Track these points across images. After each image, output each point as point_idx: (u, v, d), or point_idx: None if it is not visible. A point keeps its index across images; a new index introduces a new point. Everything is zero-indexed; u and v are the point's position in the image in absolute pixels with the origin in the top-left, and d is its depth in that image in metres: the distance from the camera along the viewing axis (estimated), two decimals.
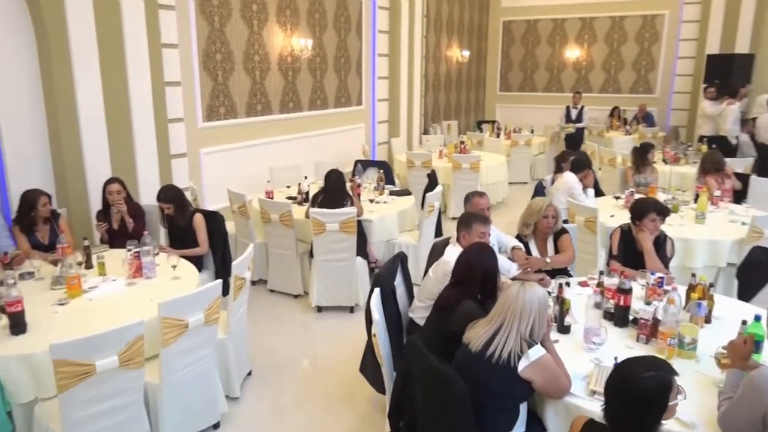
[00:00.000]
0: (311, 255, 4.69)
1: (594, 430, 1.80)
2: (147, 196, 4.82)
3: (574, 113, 10.56)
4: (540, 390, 2.19)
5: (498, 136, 10.21)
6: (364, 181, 6.01)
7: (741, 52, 10.53)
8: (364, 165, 6.43)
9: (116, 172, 4.60)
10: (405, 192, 5.85)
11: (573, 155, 5.63)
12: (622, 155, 7.58)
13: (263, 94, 6.98)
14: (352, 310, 4.69)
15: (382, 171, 5.94)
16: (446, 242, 3.62)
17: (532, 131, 10.59)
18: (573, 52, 12.85)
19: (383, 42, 9.34)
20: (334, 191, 4.73)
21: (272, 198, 5.19)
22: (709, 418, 2.10)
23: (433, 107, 11.44)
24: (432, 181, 5.92)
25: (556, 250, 3.69)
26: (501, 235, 3.74)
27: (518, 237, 3.72)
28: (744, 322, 2.49)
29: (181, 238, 4.19)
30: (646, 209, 3.51)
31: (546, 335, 2.29)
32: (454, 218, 7.29)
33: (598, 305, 2.94)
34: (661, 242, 3.55)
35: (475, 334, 2.26)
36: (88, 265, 3.55)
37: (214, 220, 4.37)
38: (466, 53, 12.36)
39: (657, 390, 1.66)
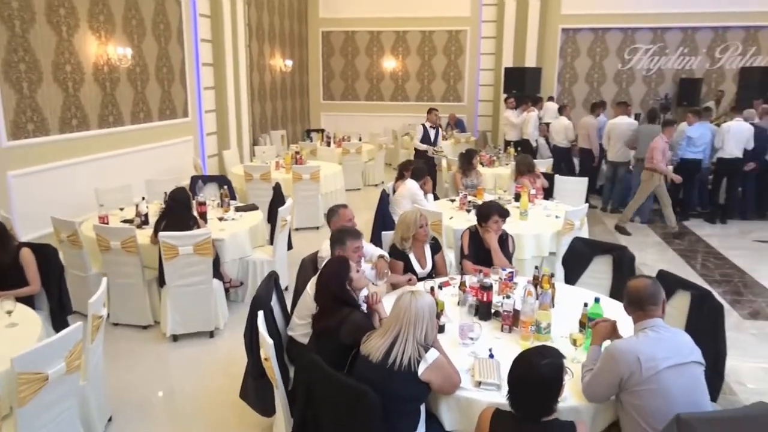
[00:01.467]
0: (160, 282, 4.39)
1: (502, 417, 2.01)
2: None
3: (432, 133, 8.75)
4: (437, 389, 2.37)
5: (329, 144, 10.45)
6: (207, 198, 5.75)
7: (530, 66, 12.13)
8: (204, 181, 6.14)
9: None
10: (251, 207, 5.72)
11: (413, 164, 6.01)
12: (446, 160, 8.27)
13: (78, 108, 6.31)
14: (211, 334, 4.48)
15: (226, 187, 5.75)
16: (314, 258, 3.66)
17: (360, 139, 11.00)
18: (390, 63, 13.61)
19: (207, 51, 9.01)
20: (179, 213, 4.47)
21: (107, 223, 4.74)
22: (574, 388, 2.45)
23: (261, 117, 11.30)
24: (278, 195, 5.88)
25: (433, 259, 3.93)
26: (366, 245, 3.88)
27: (394, 250, 3.86)
28: (585, 304, 2.94)
29: (5, 278, 3.63)
30: (489, 212, 3.92)
31: (435, 337, 2.47)
32: (297, 229, 7.32)
33: (466, 303, 3.22)
34: (504, 240, 4.00)
35: (374, 346, 2.36)
36: None
37: (45, 253, 3.86)
38: (290, 63, 12.41)
39: (554, 374, 1.91)
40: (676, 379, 2.19)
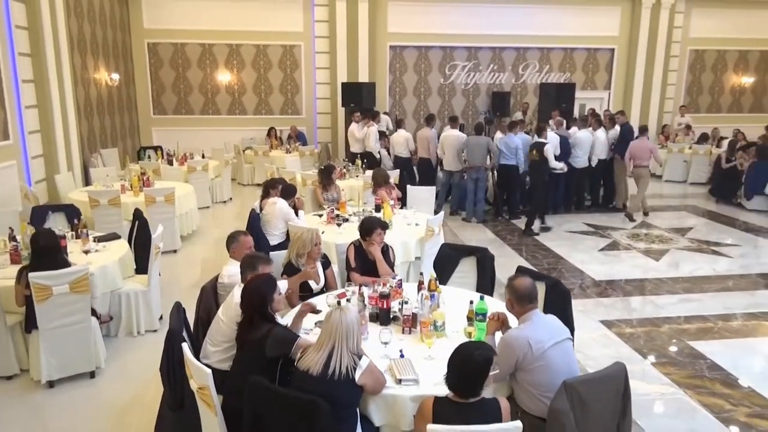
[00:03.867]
0: (27, 326, 4.06)
1: (442, 402, 2.39)
2: None
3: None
4: (370, 390, 2.68)
5: (170, 163, 10.07)
6: (58, 230, 5.34)
7: (364, 80, 12.87)
8: (52, 210, 5.67)
9: None
10: (113, 236, 5.44)
11: (279, 182, 6.17)
12: (301, 174, 8.53)
13: None
14: (92, 375, 4.24)
15: (83, 217, 5.39)
16: (214, 283, 3.72)
17: (203, 155, 10.74)
18: (224, 76, 13.42)
19: (26, 66, 8.18)
20: (51, 259, 4.12)
21: None
22: None
23: (89, 135, 10.47)
24: (141, 221, 5.66)
25: (325, 274, 4.19)
26: None
27: (290, 267, 4.04)
28: (471, 302, 3.45)
29: None
30: (372, 227, 4.31)
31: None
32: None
33: (365, 311, 3.55)
34: (385, 251, 4.41)
35: (312, 360, 2.60)
36: None
37: None
38: (116, 76, 11.64)
39: (485, 362, 2.35)
40: (558, 355, 2.77)
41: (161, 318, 5.16)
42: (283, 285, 3.52)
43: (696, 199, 10.97)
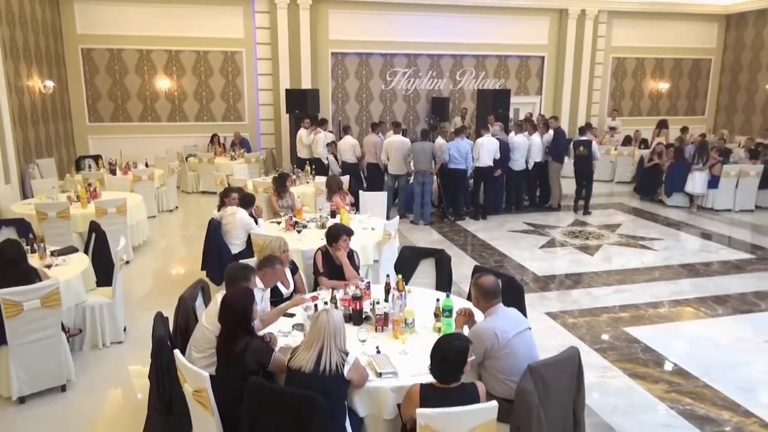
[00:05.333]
0: None
1: (428, 388, 2.68)
2: None
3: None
4: (356, 384, 2.93)
5: (113, 172, 9.88)
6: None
7: (306, 86, 13.03)
8: (3, 225, 5.56)
9: None
10: (71, 249, 5.41)
11: (236, 191, 6.28)
12: (252, 182, 8.63)
13: None
14: (64, 388, 4.26)
15: (40, 232, 5.32)
16: (194, 295, 3.85)
17: (147, 164, 10.60)
18: (164, 83, 13.21)
19: None
20: (17, 270, 4.10)
21: None
22: None
23: (24, 145, 10.10)
24: (97, 233, 5.63)
25: (293, 280, 4.38)
26: None
27: None
28: (438, 300, 3.76)
29: None
30: (338, 233, 4.55)
31: None
32: None
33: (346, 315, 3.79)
34: (350, 255, 4.66)
35: (302, 359, 2.83)
36: None
37: None
38: (50, 83, 11.27)
39: (463, 350, 2.65)
40: (520, 343, 3.12)
41: (125, 329, 5.19)
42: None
43: (622, 197, 11.83)
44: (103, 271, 5.36)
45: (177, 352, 3.00)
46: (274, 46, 13.13)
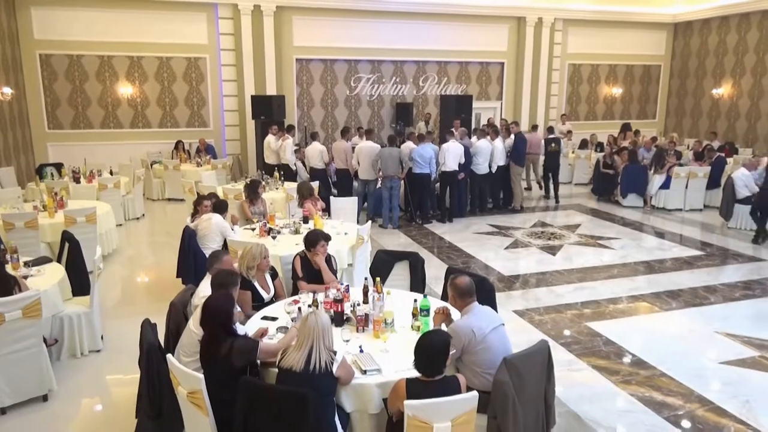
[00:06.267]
0: None
1: (414, 382, 2.87)
2: None
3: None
4: (344, 381, 3.10)
5: (77, 180, 9.77)
6: None
7: (271, 92, 13.11)
8: None
9: None
10: (45, 259, 5.40)
11: (210, 198, 6.35)
12: (223, 189, 8.67)
13: None
14: (45, 398, 4.28)
15: (13, 243, 5.30)
16: (184, 300, 3.94)
17: (111, 171, 10.49)
18: (126, 89, 13.06)
19: None
20: None
21: None
22: None
23: None
24: (71, 242, 5.63)
25: (273, 285, 4.50)
26: None
27: (241, 279, 4.31)
28: (416, 300, 3.96)
29: None
30: (317, 239, 4.70)
31: None
32: None
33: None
34: (328, 260, 4.82)
35: (293, 359, 2.98)
36: None
37: None
38: (8, 90, 11.03)
39: (444, 345, 2.86)
40: (495, 338, 3.35)
41: (102, 338, 5.22)
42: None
43: (580, 198, 12.32)
44: (77, 280, 5.38)
45: (170, 356, 3.11)
46: (239, 52, 13.16)
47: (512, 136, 10.72)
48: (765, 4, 13.93)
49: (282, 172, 9.77)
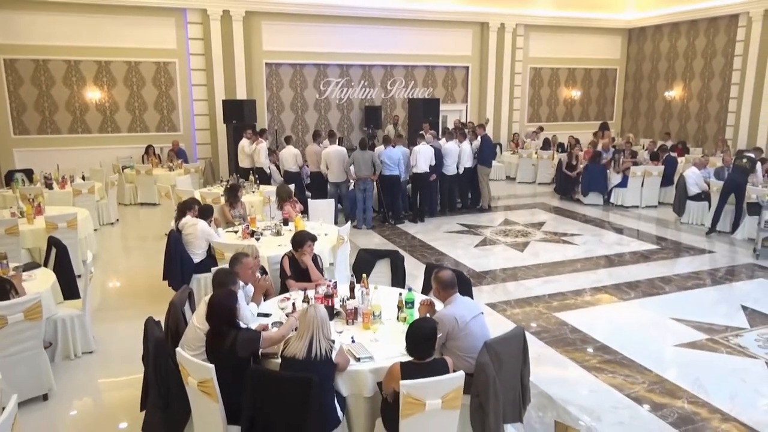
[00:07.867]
0: None
1: (407, 365, 3.18)
2: None
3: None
4: (341, 367, 3.40)
5: (50, 186, 9.75)
6: None
7: (242, 96, 13.26)
8: None
9: None
10: (34, 264, 5.52)
11: (194, 203, 6.52)
12: (200, 193, 8.82)
13: None
14: (45, 397, 4.43)
15: (2, 250, 5.39)
16: (183, 299, 4.16)
17: (84, 178, 10.49)
18: (94, 94, 13.00)
19: None
20: None
21: None
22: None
23: None
24: (58, 247, 5.74)
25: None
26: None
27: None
28: (400, 294, 4.29)
29: None
30: (303, 240, 4.97)
31: None
32: None
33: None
34: (315, 259, 5.10)
35: (296, 347, 3.27)
36: None
37: None
38: None
39: (433, 330, 3.20)
40: (476, 325, 3.70)
41: (94, 338, 5.37)
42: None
43: (544, 197, 12.87)
44: (66, 284, 5.51)
45: (180, 350, 3.35)
46: (208, 57, 13.26)
47: (479, 138, 11.15)
48: (711, 12, 14.80)
49: (257, 176, 9.96)
